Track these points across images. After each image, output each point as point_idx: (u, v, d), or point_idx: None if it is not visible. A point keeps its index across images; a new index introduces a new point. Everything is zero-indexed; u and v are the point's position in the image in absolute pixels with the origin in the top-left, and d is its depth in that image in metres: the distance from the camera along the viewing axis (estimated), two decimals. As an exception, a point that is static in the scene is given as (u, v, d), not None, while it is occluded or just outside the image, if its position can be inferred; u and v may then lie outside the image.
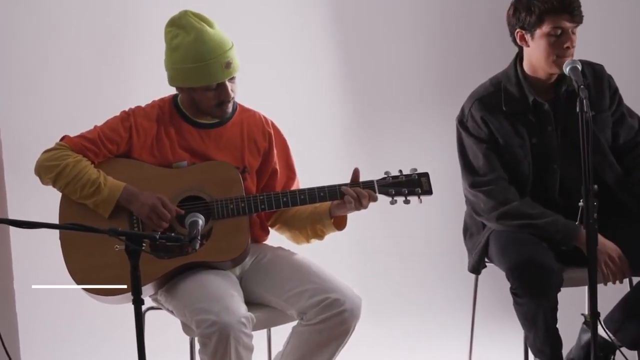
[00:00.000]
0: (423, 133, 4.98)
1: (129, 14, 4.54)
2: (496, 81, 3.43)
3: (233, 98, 3.22)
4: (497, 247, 3.38)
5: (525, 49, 3.35)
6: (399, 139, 4.96)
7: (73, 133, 3.24)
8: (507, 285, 3.28)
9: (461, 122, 3.43)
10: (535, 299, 3.23)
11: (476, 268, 3.47)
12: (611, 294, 3.38)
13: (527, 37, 3.31)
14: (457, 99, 4.78)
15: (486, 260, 3.47)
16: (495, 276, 3.46)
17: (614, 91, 3.45)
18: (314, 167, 3.72)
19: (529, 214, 3.31)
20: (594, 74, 3.41)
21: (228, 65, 3.14)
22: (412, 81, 5.00)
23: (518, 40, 3.33)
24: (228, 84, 3.17)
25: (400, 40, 4.97)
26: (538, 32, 3.27)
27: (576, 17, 3.25)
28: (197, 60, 3.12)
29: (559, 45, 3.25)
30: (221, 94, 3.17)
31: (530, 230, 3.31)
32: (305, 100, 4.86)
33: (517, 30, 3.32)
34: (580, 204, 3.15)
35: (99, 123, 3.26)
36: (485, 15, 4.94)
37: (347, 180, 3.21)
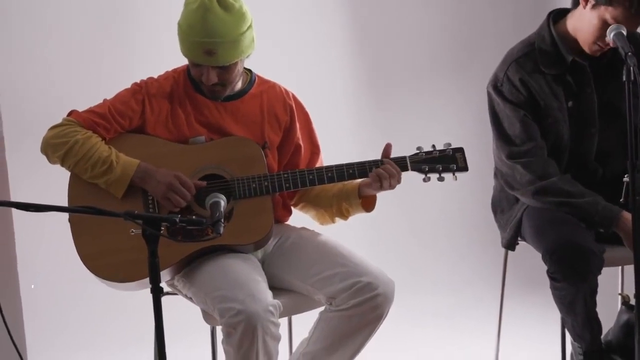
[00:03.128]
0: (434, 103, 4.91)
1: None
2: (528, 42, 3.26)
3: (227, 85, 2.98)
4: (532, 226, 3.22)
5: (580, 9, 3.14)
6: (411, 109, 4.90)
7: (79, 108, 3.03)
8: (538, 260, 3.12)
9: (495, 87, 3.25)
10: (575, 283, 3.07)
11: (511, 244, 3.32)
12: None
13: (591, 1, 3.09)
14: (469, 69, 4.72)
15: (519, 239, 3.32)
16: (524, 252, 3.33)
17: None
18: (326, 142, 3.56)
19: (567, 192, 3.15)
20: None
21: (209, 52, 2.89)
22: (424, 51, 4.94)
23: None
24: (213, 70, 2.93)
25: (412, 10, 4.88)
26: (602, 9, 3.06)
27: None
28: (184, 30, 2.91)
29: (604, 37, 3.06)
30: (202, 74, 2.96)
31: (568, 209, 3.15)
32: (315, 74, 4.75)
33: None
34: (625, 179, 2.99)
35: (107, 97, 3.05)
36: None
37: (363, 154, 3.06)
